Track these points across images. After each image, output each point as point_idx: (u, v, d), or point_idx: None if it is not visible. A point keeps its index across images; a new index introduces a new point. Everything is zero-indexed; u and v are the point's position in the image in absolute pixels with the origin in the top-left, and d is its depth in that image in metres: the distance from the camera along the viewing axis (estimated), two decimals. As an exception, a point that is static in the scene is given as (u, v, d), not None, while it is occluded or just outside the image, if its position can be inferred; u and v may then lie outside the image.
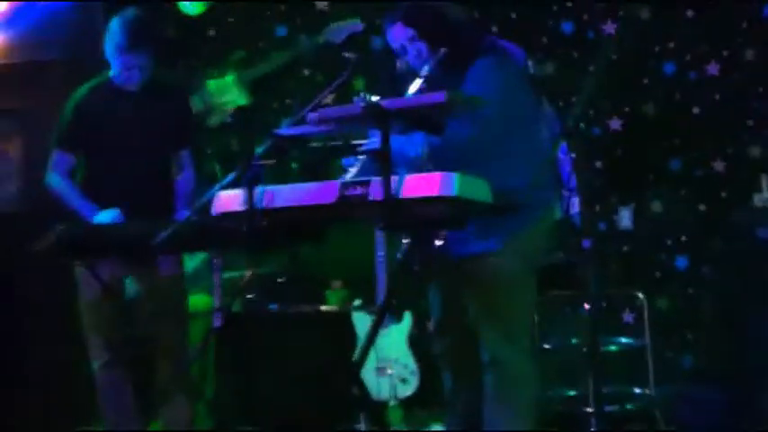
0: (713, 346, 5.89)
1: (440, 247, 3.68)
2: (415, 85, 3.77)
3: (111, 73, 4.96)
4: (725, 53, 6.18)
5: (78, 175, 5.02)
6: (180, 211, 4.86)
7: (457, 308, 3.99)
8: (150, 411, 4.74)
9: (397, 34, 3.94)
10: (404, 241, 3.79)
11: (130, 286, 5.08)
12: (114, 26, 4.88)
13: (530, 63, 4.39)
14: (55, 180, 4.98)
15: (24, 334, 6.80)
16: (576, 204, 5.11)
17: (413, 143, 3.68)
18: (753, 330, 5.43)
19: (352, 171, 3.77)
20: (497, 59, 3.88)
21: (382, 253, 5.41)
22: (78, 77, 5.12)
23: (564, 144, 4.28)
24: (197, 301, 5.41)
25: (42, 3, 6.55)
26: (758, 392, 5.21)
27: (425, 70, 3.82)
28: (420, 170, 3.51)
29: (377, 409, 5.12)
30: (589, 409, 5.00)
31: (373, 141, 3.61)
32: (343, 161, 3.84)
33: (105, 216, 4.75)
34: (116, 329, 4.92)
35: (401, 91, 3.81)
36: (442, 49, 3.83)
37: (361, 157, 3.74)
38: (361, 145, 3.67)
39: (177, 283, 5.00)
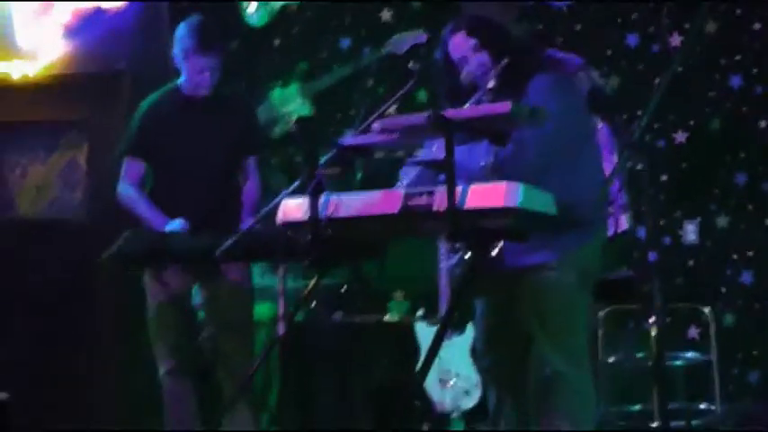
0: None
1: (493, 258, 3.66)
2: (474, 98, 3.76)
3: (180, 81, 5.00)
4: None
5: (146, 185, 5.06)
6: (246, 220, 4.88)
7: (507, 321, 3.97)
8: (213, 421, 4.74)
9: (459, 44, 3.94)
10: (457, 253, 3.78)
11: (197, 296, 5.12)
12: (183, 30, 4.93)
13: (593, 73, 4.37)
14: (125, 189, 5.01)
15: (92, 338, 6.89)
16: (623, 222, 5.07)
17: (475, 154, 3.67)
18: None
19: (405, 181, 3.77)
20: (557, 75, 3.87)
21: (444, 264, 5.39)
22: (145, 88, 5.17)
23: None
24: (261, 310, 5.43)
25: (108, 13, 6.62)
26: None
27: (490, 82, 3.82)
28: (482, 181, 3.50)
29: (439, 422, 5.10)
30: (654, 425, 4.94)
31: (427, 152, 3.61)
32: (401, 172, 3.85)
33: (173, 226, 4.79)
34: (181, 338, 4.96)
35: (463, 102, 3.81)
36: (504, 60, 3.82)
37: (414, 167, 3.74)
38: (419, 156, 3.67)
39: (243, 293, 5.02)
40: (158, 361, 4.99)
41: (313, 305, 5.54)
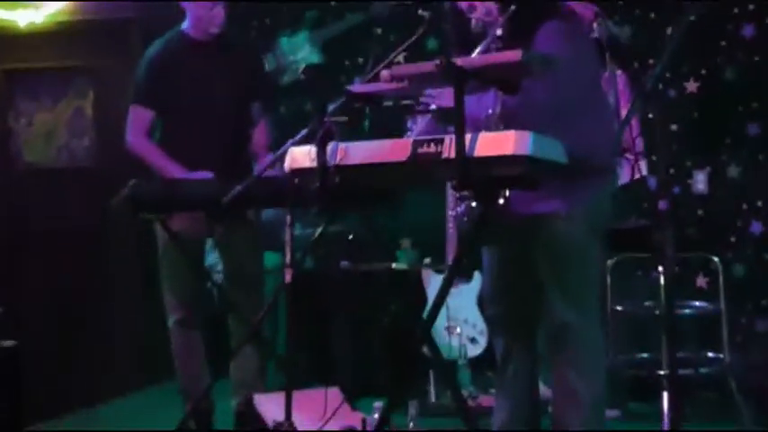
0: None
1: (501, 206, 3.65)
2: (483, 45, 3.73)
3: (184, 26, 4.97)
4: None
5: (156, 135, 5.04)
6: (256, 166, 4.87)
7: (516, 270, 3.96)
8: (221, 367, 4.77)
9: (467, -8, 3.90)
10: (463, 201, 3.76)
11: (210, 255, 5.13)
12: None
13: (608, 23, 4.33)
14: (135, 138, 4.98)
15: (105, 286, 6.93)
16: (643, 168, 5.06)
17: (483, 102, 3.65)
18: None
19: (414, 130, 3.76)
20: (566, 23, 3.83)
21: (452, 212, 5.39)
22: (153, 36, 5.15)
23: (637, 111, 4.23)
24: (269, 258, 5.43)
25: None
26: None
27: (497, 30, 3.78)
28: (490, 130, 3.49)
29: (446, 369, 5.12)
30: (662, 372, 4.95)
31: (429, 101, 3.58)
32: (409, 121, 3.83)
33: (198, 176, 4.77)
34: (190, 289, 4.97)
35: (473, 50, 3.77)
36: (512, 7, 3.78)
37: (423, 116, 3.72)
38: (428, 104, 3.64)
39: (254, 242, 5.03)
40: (168, 311, 5.00)
41: (321, 252, 5.56)
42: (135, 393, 6.42)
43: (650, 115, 4.31)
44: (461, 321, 5.61)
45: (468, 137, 3.21)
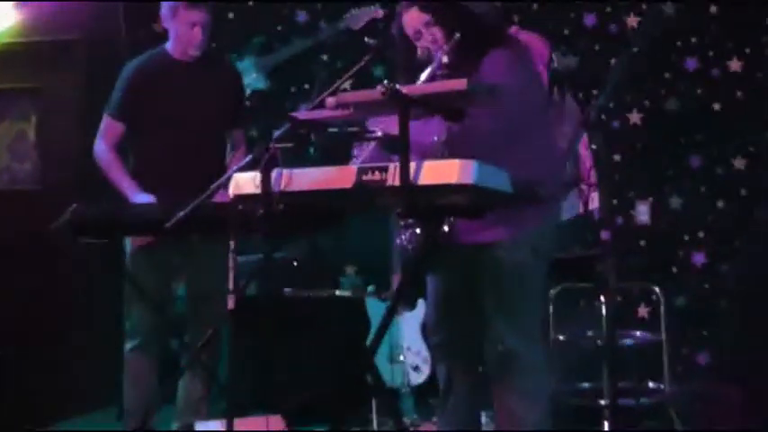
0: (731, 343, 5.86)
1: (445, 234, 3.66)
2: (428, 72, 3.74)
3: (167, 45, 4.94)
4: (748, 50, 6.14)
5: (129, 151, 4.99)
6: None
7: (460, 298, 3.97)
8: (168, 392, 4.75)
9: (413, 19, 3.91)
10: (407, 228, 3.77)
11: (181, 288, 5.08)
12: None
13: (554, 56, 4.37)
14: (102, 150, 4.95)
15: (51, 310, 6.82)
16: (595, 199, 5.09)
17: (428, 130, 3.66)
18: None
19: (360, 157, 3.76)
20: (512, 52, 3.86)
21: (398, 240, 5.38)
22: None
23: (585, 138, 4.26)
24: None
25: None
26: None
27: (443, 58, 3.80)
28: (435, 157, 3.49)
29: (389, 396, 5.10)
30: (603, 402, 4.97)
31: (376, 128, 3.59)
32: (355, 148, 3.83)
33: (143, 199, 4.74)
34: (151, 315, 4.89)
35: (419, 77, 3.79)
36: (457, 36, 3.80)
37: (368, 143, 3.72)
38: (374, 131, 3.65)
39: (218, 268, 4.94)
40: (126, 335, 4.95)
41: (265, 279, 5.53)
42: (91, 415, 6.34)
43: (593, 146, 4.34)
44: (405, 349, 5.60)
45: (412, 164, 3.21)
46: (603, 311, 4.23)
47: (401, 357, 5.57)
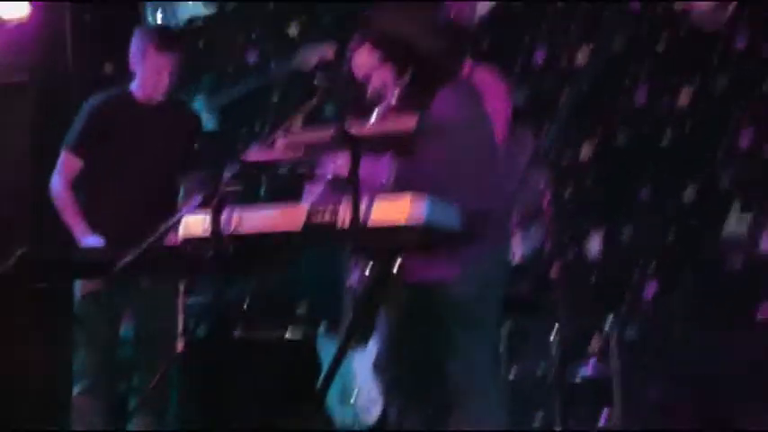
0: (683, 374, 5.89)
1: (396, 272, 3.66)
2: (378, 112, 3.76)
3: (132, 86, 4.91)
4: (695, 85, 6.20)
5: (82, 189, 4.96)
6: None
7: (411, 334, 3.97)
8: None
9: (363, 58, 3.93)
10: (357, 266, 3.77)
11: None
12: (142, 30, 4.91)
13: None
14: (58, 189, 4.91)
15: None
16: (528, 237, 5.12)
17: (378, 168, 3.67)
18: (723, 357, 5.44)
19: (311, 193, 3.76)
20: (461, 89, 3.90)
21: (348, 278, 5.38)
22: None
23: (542, 174, 4.29)
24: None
25: (10, 24, 6.49)
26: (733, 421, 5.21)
27: (393, 98, 3.82)
28: (386, 193, 3.50)
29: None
30: (556, 439, 4.98)
31: (327, 168, 3.60)
32: (305, 187, 3.83)
33: (89, 243, 4.71)
34: (102, 357, 4.86)
35: (369, 116, 3.80)
36: (407, 76, 3.83)
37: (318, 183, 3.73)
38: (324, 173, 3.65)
39: (167, 309, 4.91)
40: (75, 377, 4.90)
41: (213, 321, 5.49)
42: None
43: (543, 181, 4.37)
44: (356, 389, 5.57)
45: (363, 203, 3.21)
46: (554, 346, 4.23)
47: (351, 400, 5.54)
